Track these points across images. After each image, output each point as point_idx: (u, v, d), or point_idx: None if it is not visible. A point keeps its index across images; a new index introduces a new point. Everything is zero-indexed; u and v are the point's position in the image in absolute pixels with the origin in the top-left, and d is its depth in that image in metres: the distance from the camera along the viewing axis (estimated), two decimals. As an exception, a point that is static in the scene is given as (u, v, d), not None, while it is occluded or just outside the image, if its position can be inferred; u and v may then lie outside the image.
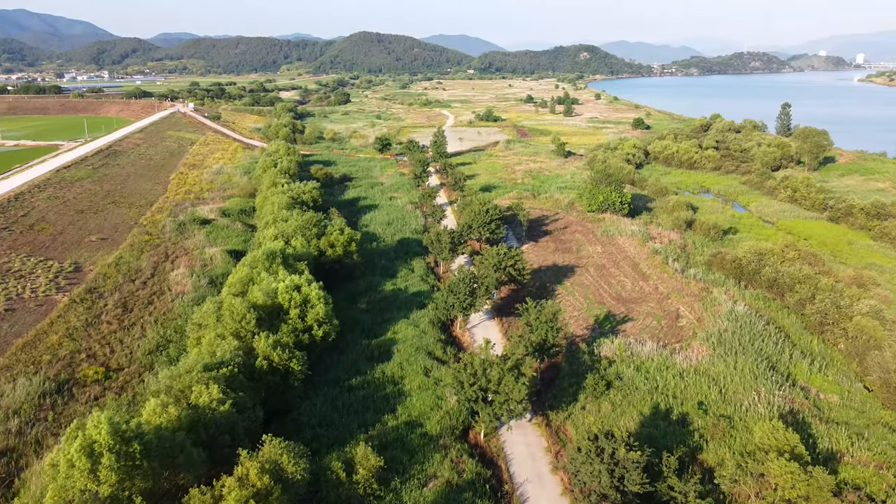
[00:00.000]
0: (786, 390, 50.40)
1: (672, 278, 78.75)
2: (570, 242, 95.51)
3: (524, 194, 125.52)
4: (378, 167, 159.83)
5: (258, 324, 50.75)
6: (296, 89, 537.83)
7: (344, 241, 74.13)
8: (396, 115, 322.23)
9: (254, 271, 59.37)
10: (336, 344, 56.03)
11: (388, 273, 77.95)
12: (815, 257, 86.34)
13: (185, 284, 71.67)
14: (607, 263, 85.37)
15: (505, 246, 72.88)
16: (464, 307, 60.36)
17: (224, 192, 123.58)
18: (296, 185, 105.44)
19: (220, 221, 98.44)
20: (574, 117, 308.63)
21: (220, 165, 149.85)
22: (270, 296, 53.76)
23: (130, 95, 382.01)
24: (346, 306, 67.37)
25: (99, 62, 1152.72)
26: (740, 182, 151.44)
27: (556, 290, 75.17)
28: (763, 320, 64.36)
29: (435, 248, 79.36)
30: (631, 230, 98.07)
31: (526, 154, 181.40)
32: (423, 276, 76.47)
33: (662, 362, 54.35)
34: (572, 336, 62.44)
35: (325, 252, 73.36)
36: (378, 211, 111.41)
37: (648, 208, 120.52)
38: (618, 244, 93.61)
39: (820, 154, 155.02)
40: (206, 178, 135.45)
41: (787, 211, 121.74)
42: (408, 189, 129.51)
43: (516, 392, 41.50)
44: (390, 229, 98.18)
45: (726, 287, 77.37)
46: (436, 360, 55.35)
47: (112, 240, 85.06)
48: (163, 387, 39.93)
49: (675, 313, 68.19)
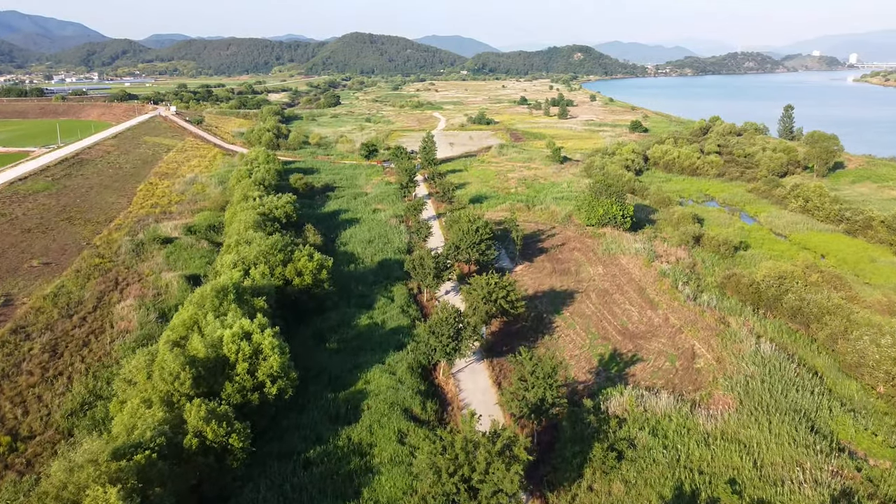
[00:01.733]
0: (832, 460, 41.86)
1: (683, 307, 70.19)
2: (569, 262, 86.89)
3: (518, 205, 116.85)
4: (363, 175, 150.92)
5: (196, 383, 41.89)
6: (285, 91, 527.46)
7: (313, 269, 65.26)
8: (387, 117, 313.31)
9: (200, 312, 50.46)
10: (295, 400, 47.17)
11: (364, 303, 69.04)
12: (840, 280, 77.99)
13: (131, 320, 62.69)
14: (610, 288, 76.78)
15: (496, 275, 64.11)
16: (447, 352, 51.63)
17: (195, 205, 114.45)
18: (269, 198, 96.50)
19: (183, 240, 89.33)
20: (569, 120, 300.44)
21: (195, 174, 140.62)
22: (214, 346, 44.88)
23: (115, 98, 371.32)
24: (312, 347, 58.58)
25: (89, 64, 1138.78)
26: (746, 190, 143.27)
27: (554, 322, 66.52)
28: (793, 362, 55.84)
29: (418, 275, 70.59)
30: (635, 248, 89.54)
31: (520, 160, 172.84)
32: (403, 307, 67.63)
33: (682, 422, 45.72)
34: (573, 382, 53.81)
35: (292, 281, 64.49)
36: (359, 226, 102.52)
37: (651, 220, 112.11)
38: (621, 264, 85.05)
39: (829, 160, 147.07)
40: (177, 188, 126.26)
41: (799, 222, 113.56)
42: (393, 200, 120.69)
43: (508, 483, 32.86)
44: (371, 248, 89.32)
45: (744, 316, 68.91)
46: (413, 419, 46.58)
47: (57, 264, 75.93)
48: (52, 487, 30.99)
49: (690, 351, 59.65)
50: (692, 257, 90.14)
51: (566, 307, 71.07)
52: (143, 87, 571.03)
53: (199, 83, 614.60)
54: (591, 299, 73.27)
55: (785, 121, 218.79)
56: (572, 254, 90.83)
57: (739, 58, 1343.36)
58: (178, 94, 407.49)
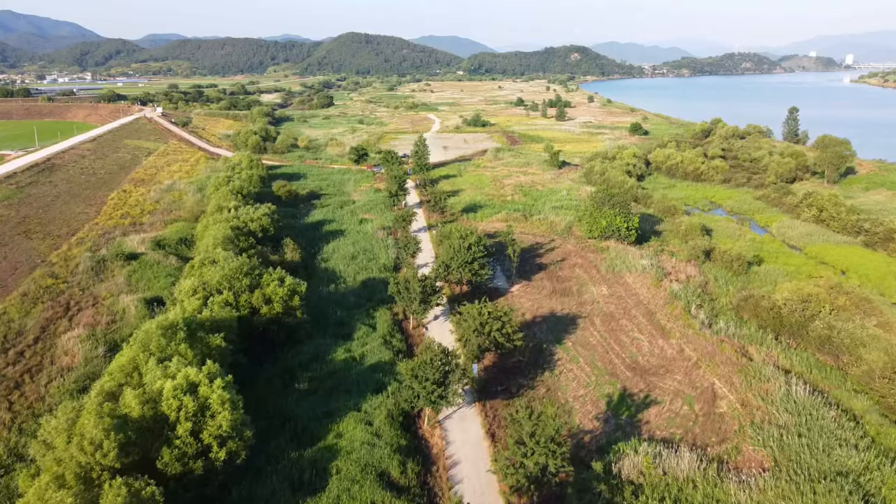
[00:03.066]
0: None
1: (698, 335, 63.05)
2: (570, 280, 79.69)
3: (514, 215, 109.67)
4: (352, 181, 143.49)
5: (125, 451, 34.53)
6: (279, 92, 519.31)
7: (284, 295, 57.88)
8: (380, 119, 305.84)
9: (142, 355, 43.09)
10: (251, 461, 39.83)
11: (342, 332, 61.64)
12: (869, 303, 70.89)
13: (76, 354, 55.24)
14: (616, 311, 69.60)
15: (490, 304, 56.81)
16: (432, 400, 44.36)
17: (169, 215, 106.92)
18: (245, 210, 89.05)
19: (149, 256, 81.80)
20: (567, 122, 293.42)
21: (173, 181, 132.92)
22: (152, 402, 37.54)
23: (103, 99, 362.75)
24: (279, 388, 51.19)
25: (82, 64, 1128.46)
26: (754, 197, 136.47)
27: (555, 354, 59.29)
28: (830, 407, 48.71)
29: (402, 300, 63.28)
30: (641, 265, 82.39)
31: (516, 165, 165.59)
32: (386, 338, 60.29)
33: (709, 491, 38.50)
34: (579, 432, 46.59)
35: (260, 310, 57.13)
36: (344, 238, 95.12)
37: (657, 232, 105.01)
38: (626, 283, 77.89)
39: (841, 165, 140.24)
40: (152, 196, 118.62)
41: (813, 234, 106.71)
42: (381, 209, 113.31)
43: None
44: (354, 265, 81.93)
45: (766, 345, 61.93)
46: (391, 486, 39.28)
47: (3, 287, 68.36)
48: None
49: (709, 392, 52.48)
50: (703, 274, 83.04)
51: (568, 335, 63.89)
52: (136, 88, 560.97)
53: (192, 83, 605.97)
54: (595, 326, 66.07)
55: (790, 123, 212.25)
56: (573, 270, 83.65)
57: (736, 58, 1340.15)
58: (168, 95, 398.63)
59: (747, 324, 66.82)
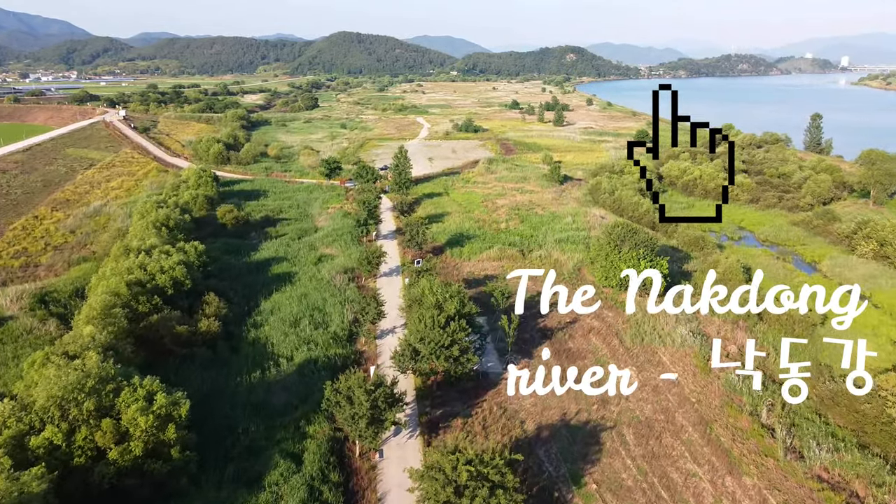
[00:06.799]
0: None
1: (783, 469, 42.57)
2: (585, 357, 59.15)
3: (509, 251, 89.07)
4: (319, 200, 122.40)
5: None
6: (263, 92, 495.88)
7: (150, 426, 36.98)
8: (365, 123, 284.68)
9: None
10: None
11: (249, 474, 40.56)
12: None
13: None
14: (654, 417, 49.05)
15: (472, 449, 36.01)
16: None
17: (81, 251, 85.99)
18: (154, 257, 67.81)
19: (20, 322, 60.69)
20: (566, 127, 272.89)
21: (106, 201, 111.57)
22: None
23: (75, 99, 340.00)
24: None
25: (69, 62, 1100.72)
26: (790, 222, 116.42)
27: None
28: None
29: (344, 417, 42.45)
30: (681, 336, 61.87)
31: (511, 179, 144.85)
32: (314, 484, 39.39)
33: None
34: None
35: (106, 453, 36.22)
36: (292, 288, 74.06)
37: (685, 273, 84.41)
38: (663, 365, 57.36)
39: (891, 185, 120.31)
40: (70, 223, 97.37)
41: (878, 275, 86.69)
42: (347, 241, 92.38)
43: None
44: (295, 335, 60.84)
45: (889, 486, 41.54)
46: None
47: None
48: None
49: None
50: (762, 345, 62.55)
51: (588, 465, 43.33)
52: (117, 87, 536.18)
53: (174, 83, 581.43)
54: (627, 446, 45.46)
55: (812, 132, 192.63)
56: (588, 339, 63.08)
57: (733, 60, 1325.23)
58: (145, 95, 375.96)
59: (848, 444, 46.32)
